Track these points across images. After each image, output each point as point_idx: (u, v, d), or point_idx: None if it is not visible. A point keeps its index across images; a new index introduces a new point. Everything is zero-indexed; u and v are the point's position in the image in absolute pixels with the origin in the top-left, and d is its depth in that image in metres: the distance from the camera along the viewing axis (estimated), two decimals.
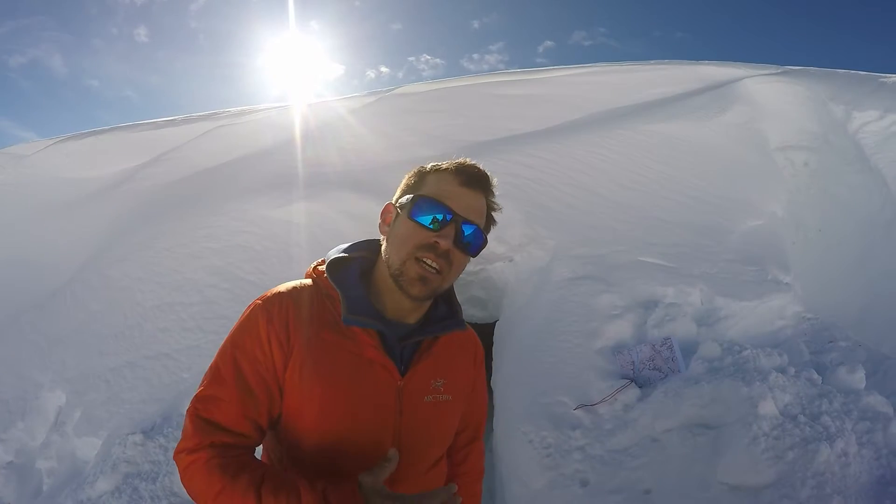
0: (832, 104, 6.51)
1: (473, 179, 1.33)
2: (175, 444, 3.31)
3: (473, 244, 1.32)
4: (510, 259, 4.68)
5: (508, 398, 3.53)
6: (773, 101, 6.56)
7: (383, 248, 1.36)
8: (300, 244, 4.59)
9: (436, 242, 1.26)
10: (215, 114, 9.62)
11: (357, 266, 1.40)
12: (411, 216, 1.29)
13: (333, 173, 5.24)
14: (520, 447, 3.16)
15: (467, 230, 1.30)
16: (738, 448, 2.79)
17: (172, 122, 9.57)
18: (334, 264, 1.37)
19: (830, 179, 6.35)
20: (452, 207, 1.28)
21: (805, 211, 6.10)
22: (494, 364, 4.03)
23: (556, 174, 4.86)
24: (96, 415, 3.78)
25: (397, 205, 1.36)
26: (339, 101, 7.91)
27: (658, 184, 4.95)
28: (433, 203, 1.29)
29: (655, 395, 3.20)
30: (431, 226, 1.27)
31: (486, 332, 4.34)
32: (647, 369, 3.46)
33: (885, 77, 7.21)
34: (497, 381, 3.89)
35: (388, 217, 1.38)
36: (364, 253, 1.43)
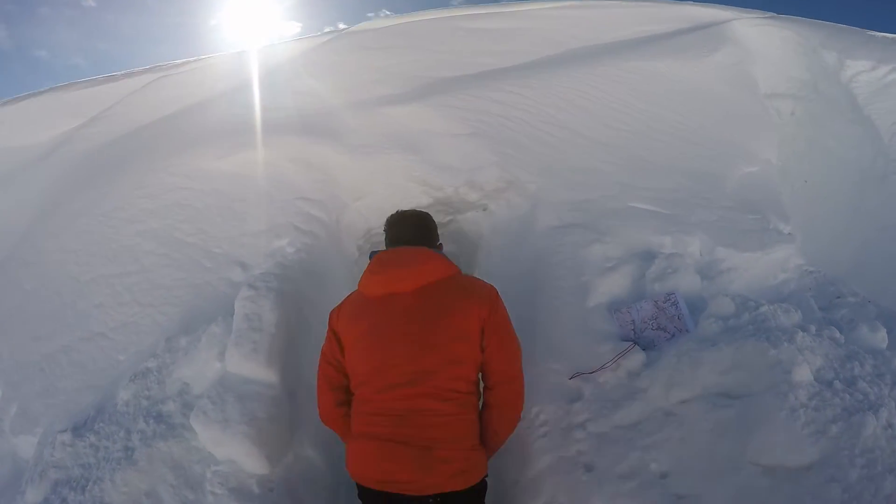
0: (824, 51, 6.11)
1: None
2: (106, 442, 2.86)
3: None
4: (484, 207, 4.09)
5: None
6: (762, 46, 6.12)
7: None
8: (245, 198, 3.95)
9: None
10: (159, 66, 8.78)
11: None
12: None
13: (284, 118, 4.55)
14: None
15: None
16: (774, 422, 2.29)
17: (112, 78, 8.70)
18: None
19: (818, 130, 6.03)
20: None
21: (791, 161, 5.73)
22: None
23: (532, 111, 4.27)
24: (32, 408, 3.30)
25: None
26: (293, 42, 7.16)
27: (645, 124, 4.41)
28: None
29: (666, 359, 2.69)
30: None
31: None
32: (649, 329, 2.94)
33: (873, 33, 6.86)
34: None
35: None
36: None
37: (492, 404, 2.15)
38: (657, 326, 2.94)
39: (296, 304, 3.14)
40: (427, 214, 2.46)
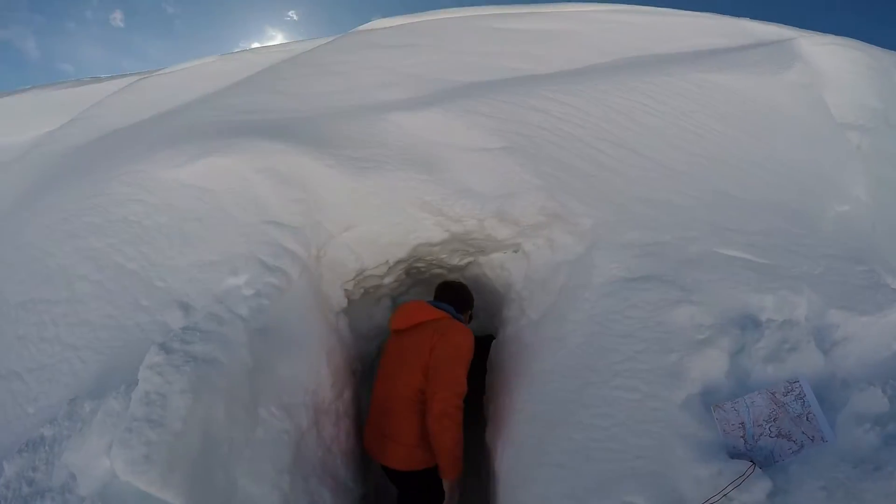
0: None
1: None
2: None
3: None
4: (516, 248, 3.20)
5: (527, 492, 2.04)
6: (831, 68, 5.28)
7: None
8: (200, 218, 3.07)
9: None
10: (151, 72, 8.15)
11: None
12: None
13: (261, 121, 3.68)
14: None
15: None
16: None
17: (97, 80, 8.12)
18: None
19: (887, 166, 5.17)
20: None
21: None
22: (491, 420, 2.69)
23: (581, 125, 3.38)
24: None
25: None
26: (292, 44, 6.37)
27: (721, 147, 3.54)
28: None
29: (805, 490, 1.78)
30: None
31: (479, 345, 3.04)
32: (766, 435, 2.03)
33: None
34: (502, 457, 2.49)
35: None
36: None
37: (428, 428, 2.67)
38: (778, 432, 2.03)
39: (230, 383, 2.16)
40: (465, 289, 3.24)
